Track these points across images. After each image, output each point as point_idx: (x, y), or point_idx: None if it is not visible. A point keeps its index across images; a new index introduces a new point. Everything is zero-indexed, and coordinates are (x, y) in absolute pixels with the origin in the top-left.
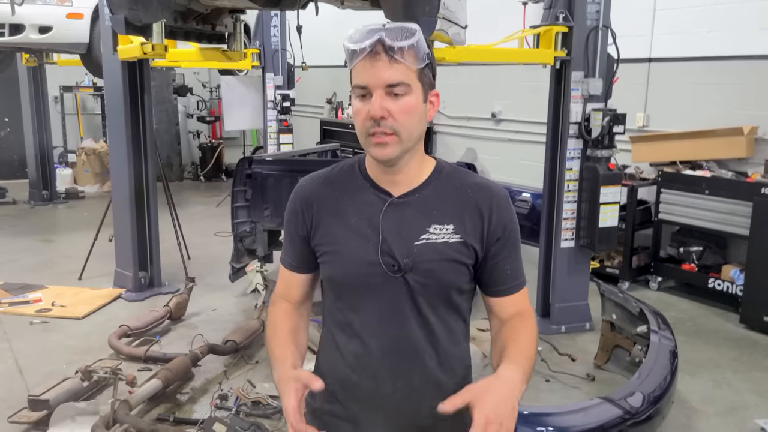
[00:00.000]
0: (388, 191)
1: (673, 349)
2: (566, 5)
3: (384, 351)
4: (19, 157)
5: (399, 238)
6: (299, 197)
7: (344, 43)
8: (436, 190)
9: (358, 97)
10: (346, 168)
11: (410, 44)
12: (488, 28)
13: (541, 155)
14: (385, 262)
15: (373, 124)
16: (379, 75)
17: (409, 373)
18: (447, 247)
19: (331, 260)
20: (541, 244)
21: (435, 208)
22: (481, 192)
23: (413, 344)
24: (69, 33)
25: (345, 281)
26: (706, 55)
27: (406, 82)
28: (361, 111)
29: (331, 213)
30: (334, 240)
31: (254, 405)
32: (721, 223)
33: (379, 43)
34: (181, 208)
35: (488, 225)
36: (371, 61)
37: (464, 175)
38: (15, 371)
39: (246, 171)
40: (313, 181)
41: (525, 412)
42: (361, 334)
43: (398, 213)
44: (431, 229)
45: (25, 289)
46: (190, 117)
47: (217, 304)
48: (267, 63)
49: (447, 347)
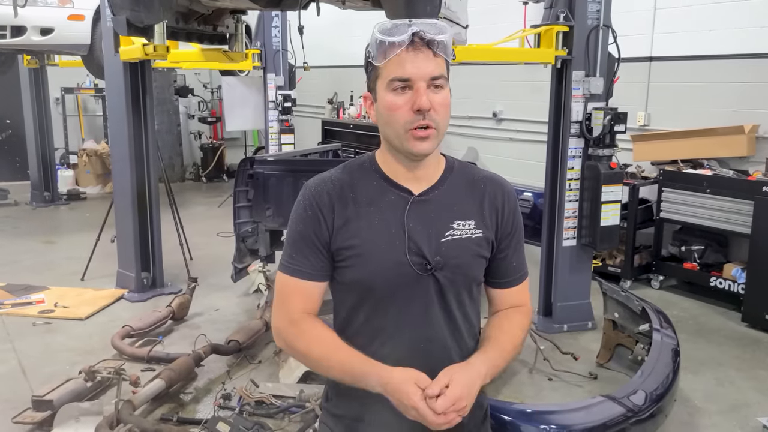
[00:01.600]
0: (408, 189)
1: (676, 347)
2: (567, 5)
3: (416, 351)
4: (20, 159)
5: (426, 235)
6: (314, 200)
7: (377, 36)
8: (452, 186)
9: (395, 90)
10: (356, 167)
11: (446, 38)
12: (489, 27)
13: (542, 154)
14: (414, 261)
15: (418, 117)
16: (423, 67)
17: (438, 371)
18: (471, 242)
19: (357, 263)
20: (543, 243)
21: (455, 204)
22: (493, 185)
23: (442, 342)
24: (70, 34)
25: (374, 284)
26: (707, 54)
27: (444, 75)
28: (402, 104)
29: (353, 215)
30: (360, 242)
31: (257, 404)
32: (723, 222)
33: (417, 36)
34: (183, 209)
35: (501, 218)
36: (414, 53)
37: (472, 169)
38: (18, 372)
39: (248, 171)
40: (325, 182)
41: (528, 410)
42: (393, 338)
43: (422, 210)
44: (455, 225)
45: (27, 290)
46: (192, 118)
47: (220, 304)
48: (268, 63)
49: (468, 342)
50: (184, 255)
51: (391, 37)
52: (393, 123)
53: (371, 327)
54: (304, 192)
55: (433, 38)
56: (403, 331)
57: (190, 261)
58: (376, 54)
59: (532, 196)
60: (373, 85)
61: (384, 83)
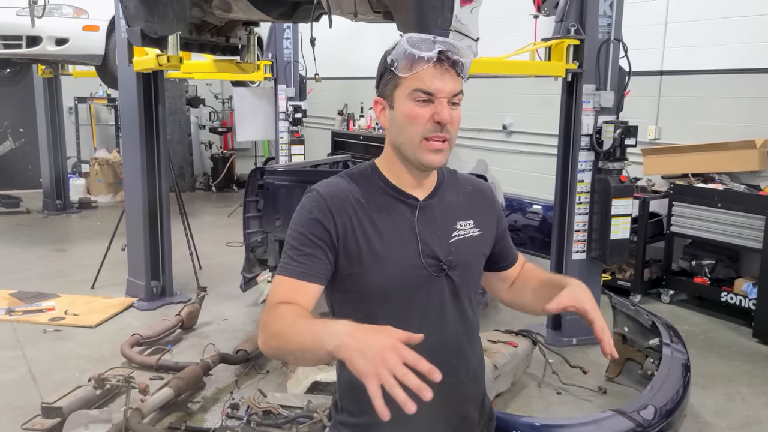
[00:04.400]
0: (414, 195)
1: (686, 362)
2: (578, 18)
3: (435, 353)
4: (33, 167)
5: (436, 237)
6: (321, 204)
7: (407, 48)
8: (448, 190)
9: (417, 101)
10: (358, 175)
11: (468, 62)
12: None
13: (551, 167)
14: (428, 263)
15: (435, 128)
16: (448, 85)
17: (457, 370)
18: (474, 241)
19: (372, 270)
20: (552, 256)
21: (455, 207)
22: (478, 186)
23: (458, 341)
24: (85, 45)
25: (391, 289)
26: (718, 68)
27: (462, 94)
28: (422, 115)
29: (364, 221)
30: (372, 249)
31: (265, 414)
32: (734, 237)
33: (444, 54)
34: (193, 218)
35: (493, 213)
36: (440, 70)
37: (457, 173)
38: (29, 379)
39: (258, 181)
40: (331, 187)
41: (537, 423)
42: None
43: (428, 215)
44: (458, 226)
45: (38, 297)
46: (203, 128)
47: (229, 313)
48: (279, 75)
49: (476, 338)
50: (193, 264)
51: (420, 51)
52: (409, 131)
53: None
54: (310, 196)
55: (459, 59)
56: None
57: (199, 270)
58: (400, 65)
59: (542, 208)
60: (391, 93)
61: (405, 92)
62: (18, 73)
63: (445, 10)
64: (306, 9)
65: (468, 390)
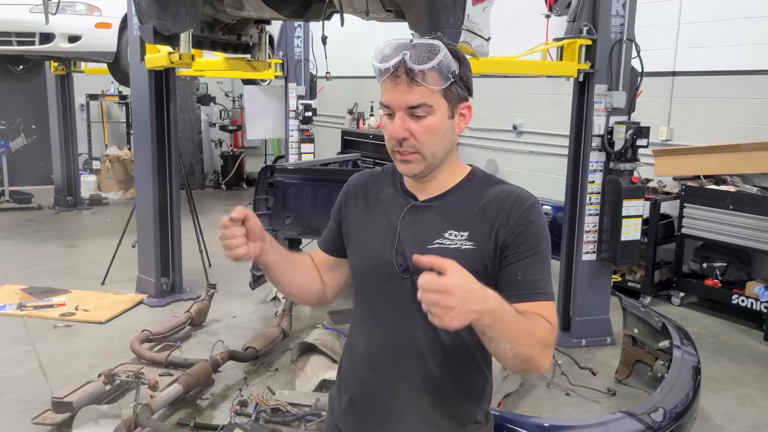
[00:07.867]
0: (415, 195)
1: (696, 364)
2: (590, 18)
3: (390, 352)
4: (45, 163)
5: (414, 240)
6: (344, 189)
7: (372, 60)
8: (461, 197)
9: (385, 114)
10: (388, 169)
11: (431, 66)
12: (511, 40)
13: (562, 168)
14: (398, 261)
15: (396, 143)
16: (399, 98)
17: (411, 374)
18: (458, 254)
19: (353, 252)
20: (562, 257)
21: (455, 215)
22: (504, 199)
23: (416, 347)
24: (97, 42)
25: (363, 273)
26: (730, 69)
27: (427, 104)
28: (387, 128)
29: (364, 208)
30: (358, 232)
31: (274, 412)
32: (746, 239)
33: (401, 64)
34: (203, 216)
35: (503, 230)
36: (393, 83)
37: (494, 184)
38: (39, 374)
39: (268, 179)
40: (358, 177)
41: (546, 424)
42: (370, 333)
43: (419, 216)
44: (446, 235)
45: (49, 293)
46: (213, 126)
47: (238, 311)
48: (290, 73)
49: (454, 353)
50: (203, 261)
51: (379, 63)
52: (386, 142)
53: (356, 317)
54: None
55: (413, 67)
56: (379, 327)
57: (209, 267)
58: (376, 75)
59: (552, 209)
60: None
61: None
62: (31, 70)
63: (457, 9)
64: (318, 7)
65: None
